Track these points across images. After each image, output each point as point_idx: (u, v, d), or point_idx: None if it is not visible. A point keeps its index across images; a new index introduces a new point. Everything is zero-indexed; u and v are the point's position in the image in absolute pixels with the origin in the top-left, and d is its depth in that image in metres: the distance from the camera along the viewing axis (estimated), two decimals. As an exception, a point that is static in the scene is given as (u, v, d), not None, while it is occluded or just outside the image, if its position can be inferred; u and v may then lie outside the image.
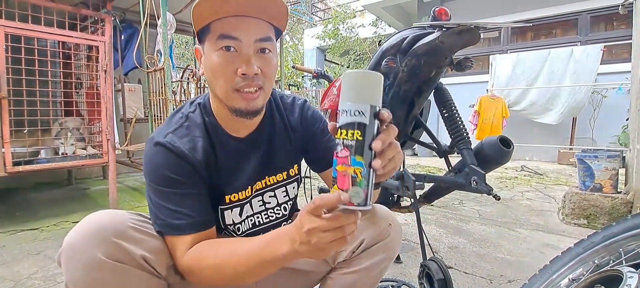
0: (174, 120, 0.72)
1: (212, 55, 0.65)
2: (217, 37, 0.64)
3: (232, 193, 0.76)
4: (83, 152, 2.55)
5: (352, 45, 8.77)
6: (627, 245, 0.87)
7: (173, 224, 0.64)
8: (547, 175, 4.16)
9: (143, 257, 0.60)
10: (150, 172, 0.66)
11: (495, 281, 1.47)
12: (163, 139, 0.67)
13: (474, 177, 1.09)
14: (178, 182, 0.65)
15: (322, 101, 1.90)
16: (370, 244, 0.82)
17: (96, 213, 0.61)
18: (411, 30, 1.15)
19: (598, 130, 4.90)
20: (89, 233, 0.57)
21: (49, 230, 2.19)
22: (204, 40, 0.67)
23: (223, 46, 0.64)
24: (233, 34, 0.63)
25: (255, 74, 0.64)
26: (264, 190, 0.81)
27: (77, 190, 3.38)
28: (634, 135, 2.12)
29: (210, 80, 0.68)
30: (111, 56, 2.44)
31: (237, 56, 0.64)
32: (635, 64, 2.15)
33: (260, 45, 0.65)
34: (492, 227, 2.22)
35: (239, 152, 0.76)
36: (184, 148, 0.67)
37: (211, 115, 0.74)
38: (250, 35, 0.64)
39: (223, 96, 0.67)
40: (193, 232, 0.65)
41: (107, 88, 2.42)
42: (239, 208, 0.78)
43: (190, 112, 0.74)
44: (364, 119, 0.47)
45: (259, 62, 0.65)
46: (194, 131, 0.71)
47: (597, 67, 4.62)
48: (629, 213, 2.09)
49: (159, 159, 0.66)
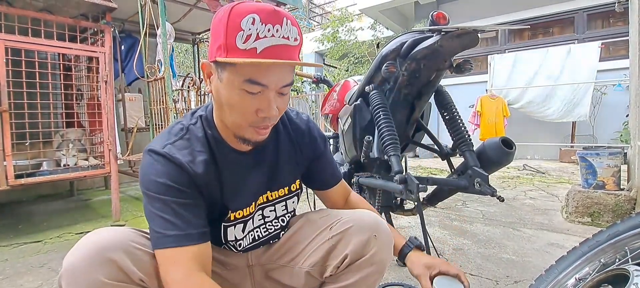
0: (173, 131, 0.70)
1: (233, 91, 0.62)
2: (245, 80, 0.60)
3: (237, 210, 0.74)
4: (85, 163, 2.55)
5: (350, 49, 8.79)
6: (633, 243, 0.86)
7: (166, 235, 0.61)
8: (549, 174, 4.16)
9: (141, 279, 0.59)
10: (147, 181, 0.64)
11: (502, 282, 1.47)
12: (161, 149, 0.65)
13: (477, 178, 1.09)
14: (175, 190, 0.63)
15: (323, 106, 1.91)
16: (355, 259, 0.77)
17: (96, 232, 0.60)
18: (410, 34, 1.15)
19: (598, 128, 4.90)
20: (89, 255, 0.56)
21: (53, 242, 2.18)
22: (224, 69, 0.62)
23: (248, 90, 0.61)
24: (262, 82, 0.61)
25: (273, 115, 0.65)
26: (266, 205, 0.81)
27: (79, 201, 3.38)
28: (635, 131, 2.12)
29: (221, 108, 0.66)
30: (111, 67, 2.45)
31: (259, 99, 0.62)
32: (633, 60, 2.16)
33: (282, 90, 0.65)
34: (496, 227, 2.22)
35: (243, 166, 0.74)
36: (183, 159, 0.65)
37: (214, 129, 0.71)
38: (278, 83, 0.63)
39: (234, 127, 0.67)
40: (186, 245, 0.61)
41: (108, 98, 2.42)
42: (242, 224, 0.77)
43: (191, 124, 0.71)
44: None
45: (277, 103, 0.64)
46: (195, 144, 0.69)
47: (596, 64, 4.64)
48: (632, 210, 2.09)
49: (155, 168, 0.64)
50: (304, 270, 0.80)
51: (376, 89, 1.25)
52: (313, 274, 0.80)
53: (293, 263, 0.82)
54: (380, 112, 1.18)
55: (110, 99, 2.43)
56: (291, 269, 0.82)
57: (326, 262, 0.78)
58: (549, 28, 5.87)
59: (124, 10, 3.27)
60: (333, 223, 0.80)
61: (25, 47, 2.15)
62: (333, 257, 0.77)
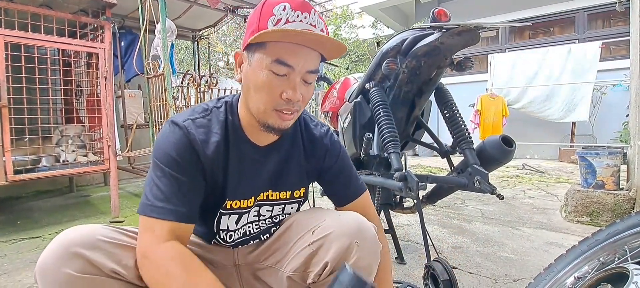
0: (198, 110, 0.73)
1: (261, 73, 0.65)
2: (273, 60, 0.64)
3: (235, 199, 0.75)
4: (84, 159, 2.55)
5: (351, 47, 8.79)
6: (632, 242, 0.86)
7: (154, 205, 0.63)
8: (549, 173, 4.16)
9: (113, 270, 0.60)
10: (158, 148, 0.67)
11: (500, 280, 1.47)
12: (181, 121, 0.68)
13: (477, 176, 1.09)
14: (178, 165, 0.65)
15: (323, 103, 1.90)
16: (336, 267, 0.72)
17: (67, 230, 0.61)
18: (411, 31, 1.15)
19: (598, 127, 4.90)
20: (58, 251, 0.57)
21: (51, 238, 2.17)
22: (254, 52, 0.66)
23: (276, 70, 0.64)
24: (290, 62, 0.64)
25: (297, 101, 0.66)
26: (264, 203, 0.81)
27: (78, 197, 3.38)
28: (635, 131, 2.12)
29: (249, 91, 0.69)
30: (111, 63, 2.44)
31: (286, 81, 0.65)
32: (634, 60, 2.15)
33: (308, 77, 0.67)
34: (495, 226, 2.22)
35: (253, 159, 0.76)
36: (197, 137, 0.68)
37: (235, 116, 0.74)
38: (304, 66, 0.66)
39: (259, 111, 0.68)
40: (169, 219, 0.63)
41: (108, 94, 2.42)
42: (237, 215, 0.77)
43: (216, 107, 0.74)
44: None
45: (302, 89, 0.67)
46: (214, 126, 0.71)
47: (597, 64, 4.63)
48: (632, 210, 2.09)
49: (169, 138, 0.67)
50: (286, 274, 0.78)
51: (376, 86, 1.24)
52: (295, 279, 0.77)
53: (278, 265, 0.80)
54: (381, 109, 1.17)
55: (109, 96, 2.43)
56: (276, 272, 0.80)
57: (308, 268, 0.75)
58: (549, 28, 5.86)
59: (124, 6, 3.26)
60: (315, 226, 0.76)
61: (24, 43, 2.15)
62: (314, 263, 0.74)
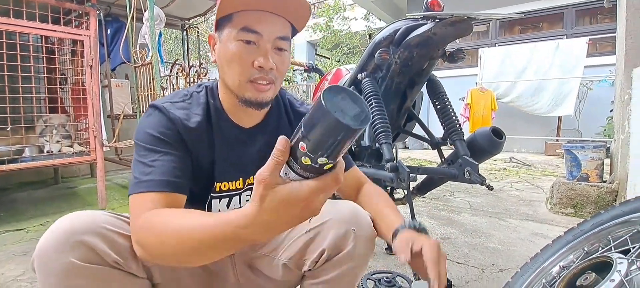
0: (178, 95, 0.73)
1: (231, 45, 0.66)
2: (240, 29, 0.65)
3: (223, 181, 0.75)
4: (69, 150, 2.49)
5: (343, 39, 8.75)
6: (616, 232, 0.89)
7: (140, 181, 0.60)
8: (535, 166, 4.25)
9: (116, 261, 0.58)
10: (139, 131, 0.67)
11: (487, 270, 1.50)
12: (160, 103, 0.69)
13: (467, 167, 1.10)
14: (160, 140, 0.65)
15: (314, 95, 1.89)
16: (333, 254, 0.73)
17: (68, 215, 0.58)
18: (404, 21, 1.14)
19: (583, 122, 5.01)
20: (60, 238, 0.54)
21: (36, 230, 2.13)
22: (223, 28, 0.68)
23: (244, 38, 0.65)
24: (256, 28, 0.64)
25: (270, 69, 0.66)
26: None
27: (64, 188, 3.30)
28: (619, 126, 2.18)
29: (223, 68, 0.69)
30: (97, 51, 2.38)
31: (256, 49, 0.66)
32: (620, 56, 2.20)
33: (279, 44, 0.67)
34: (482, 217, 2.26)
35: (238, 140, 0.75)
36: (177, 115, 0.68)
37: (217, 99, 0.74)
38: (272, 32, 0.66)
39: (235, 85, 0.68)
40: (155, 190, 0.60)
41: (93, 84, 2.36)
42: (227, 199, 0.77)
43: (196, 91, 0.75)
44: None
45: (274, 59, 0.67)
46: (194, 108, 0.71)
47: (584, 59, 4.72)
48: (614, 202, 2.15)
49: (149, 120, 0.67)
50: (282, 262, 0.78)
51: (368, 76, 1.24)
52: (290, 267, 0.78)
53: (273, 254, 0.80)
54: (373, 100, 1.17)
55: (95, 85, 2.37)
56: (271, 260, 0.80)
57: (304, 256, 0.76)
58: (538, 23, 5.93)
59: (110, -7, 3.17)
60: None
61: (6, 29, 2.07)
62: (310, 251, 0.75)
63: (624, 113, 2.01)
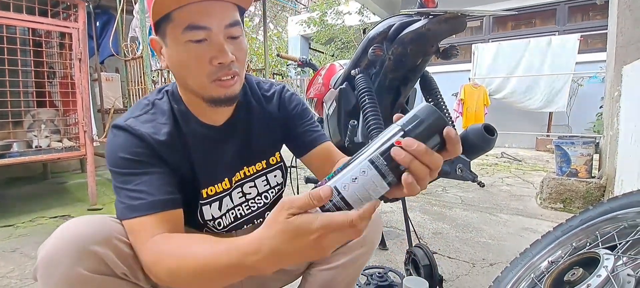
0: (139, 106, 0.68)
1: (180, 48, 0.60)
2: (184, 29, 0.58)
3: (209, 186, 0.72)
4: (58, 145, 2.45)
5: (337, 33, 8.71)
6: (603, 228, 0.90)
7: (131, 205, 0.58)
8: (526, 162, 4.30)
9: (124, 272, 0.55)
10: (110, 157, 0.63)
11: (478, 264, 1.52)
12: (123, 123, 0.64)
13: (459, 164, 1.10)
14: (135, 162, 0.61)
15: (308, 90, 1.88)
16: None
17: (75, 222, 0.55)
18: (398, 17, 1.14)
19: (574, 118, 5.08)
20: (68, 246, 0.51)
21: (25, 226, 2.10)
22: (165, 30, 0.61)
23: (192, 38, 0.59)
24: (202, 23, 0.58)
25: (231, 61, 0.61)
26: (244, 181, 0.78)
27: (53, 184, 3.26)
28: (608, 122, 2.21)
29: (179, 74, 0.64)
30: (86, 44, 2.33)
31: (209, 46, 0.60)
32: (610, 53, 2.23)
33: (230, 32, 0.61)
34: (474, 212, 2.29)
35: (214, 140, 0.72)
36: (144, 131, 0.63)
37: (181, 103, 0.69)
38: (220, 22, 0.60)
39: (198, 88, 0.64)
40: (152, 212, 0.57)
41: (82, 77, 2.31)
42: (218, 202, 0.75)
43: (157, 99, 0.69)
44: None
45: (231, 49, 0.61)
46: (159, 118, 0.67)
47: (575, 56, 4.77)
48: (602, 197, 2.19)
49: (116, 142, 0.63)
50: None
51: (362, 72, 1.23)
52: None
53: None
54: (366, 96, 1.17)
55: (84, 78, 2.33)
56: None
57: None
58: (531, 19, 5.97)
59: (99, -16, 3.10)
60: None
61: (-10, 20, 2.01)
62: None
63: (613, 110, 2.04)
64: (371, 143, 0.43)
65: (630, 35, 1.99)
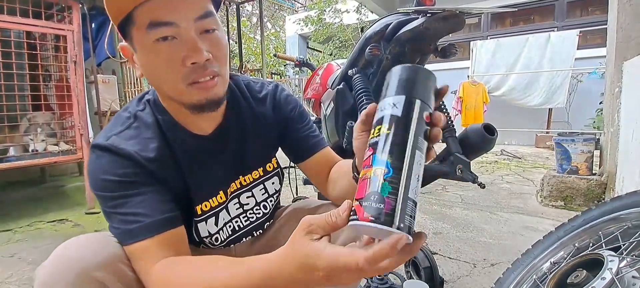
0: (120, 120, 0.62)
1: (148, 52, 0.54)
2: (147, 27, 0.52)
3: (203, 201, 0.67)
4: (55, 149, 2.43)
5: (335, 32, 8.69)
6: (606, 228, 0.89)
7: (128, 231, 0.53)
8: (526, 159, 4.29)
9: None
10: (94, 181, 0.56)
11: (479, 265, 1.50)
12: (105, 142, 0.57)
13: (459, 165, 1.08)
14: (126, 183, 0.55)
15: (305, 90, 1.86)
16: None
17: (73, 242, 0.52)
18: (395, 16, 1.12)
19: (573, 114, 5.07)
20: (65, 271, 0.48)
21: (23, 231, 2.09)
22: (130, 34, 0.55)
23: (158, 37, 0.52)
24: (166, 19, 0.51)
25: (206, 60, 0.54)
26: (240, 191, 0.73)
27: (51, 188, 3.24)
28: (608, 118, 2.19)
29: (153, 81, 0.59)
30: (81, 46, 2.31)
31: (179, 44, 0.53)
32: (610, 49, 2.21)
33: (203, 25, 0.54)
34: (474, 211, 2.27)
35: (205, 151, 0.66)
36: (130, 149, 0.57)
37: (165, 112, 0.63)
38: (188, 15, 0.52)
39: (175, 94, 0.57)
40: (152, 235, 0.53)
41: (78, 80, 2.30)
42: (214, 217, 0.70)
43: (139, 110, 0.63)
44: (396, 110, 0.38)
45: (206, 45, 0.54)
46: (144, 132, 0.60)
47: (574, 52, 4.75)
48: (603, 194, 2.18)
49: (100, 164, 0.56)
50: None
51: (359, 72, 1.22)
52: None
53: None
54: (364, 96, 1.15)
55: (80, 81, 2.31)
56: None
57: None
58: (529, 15, 5.95)
59: (94, -14, 3.08)
60: (321, 204, 0.76)
61: (-16, 24, 2.00)
62: None
63: (613, 106, 2.02)
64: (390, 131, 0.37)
65: (631, 31, 1.98)
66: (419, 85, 0.39)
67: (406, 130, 0.37)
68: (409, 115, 0.37)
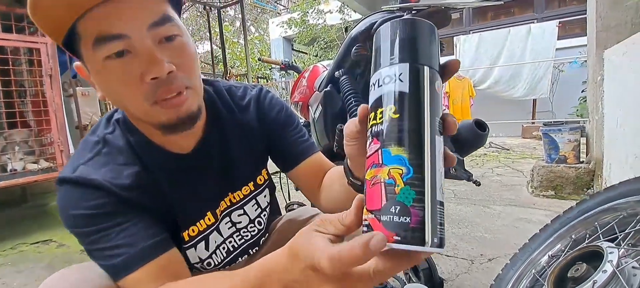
0: (87, 147, 0.55)
1: (101, 71, 0.47)
2: (94, 43, 0.45)
3: (190, 226, 0.61)
4: (35, 167, 2.33)
5: (319, 33, 8.67)
6: (602, 218, 0.88)
7: (112, 266, 0.49)
8: (514, 150, 4.35)
9: None
10: (67, 218, 0.50)
11: (477, 261, 1.49)
12: (72, 174, 0.51)
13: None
14: (101, 216, 0.50)
15: (292, 93, 1.83)
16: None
17: (57, 278, 0.48)
18: (380, 14, 1.09)
19: (557, 103, 5.17)
20: None
21: (6, 254, 2.00)
22: (80, 52, 0.47)
23: (108, 54, 0.45)
24: (114, 31, 0.44)
25: (169, 73, 0.47)
26: (231, 209, 0.67)
27: (34, 207, 3.11)
28: (593, 107, 2.23)
29: (115, 103, 0.52)
30: (56, 59, 2.22)
31: (134, 59, 0.46)
32: (591, 38, 2.24)
33: (160, 32, 0.47)
34: (467, 206, 2.27)
35: (186, 171, 0.59)
36: (100, 179, 0.51)
37: (137, 133, 0.56)
38: (140, 23, 0.45)
39: (141, 115, 0.50)
40: (142, 264, 0.49)
41: (55, 94, 2.21)
42: (203, 242, 0.63)
43: (108, 133, 0.56)
44: (402, 85, 0.29)
45: (167, 55, 0.47)
46: (116, 158, 0.54)
47: (555, 42, 4.85)
48: (591, 182, 2.21)
49: (70, 199, 0.50)
50: None
51: (346, 73, 1.19)
52: None
53: None
54: (352, 98, 1.12)
55: (57, 95, 2.22)
56: None
57: None
58: (510, 8, 6.05)
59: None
60: (313, 215, 0.74)
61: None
62: None
63: (597, 94, 2.05)
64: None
65: (610, 20, 2.01)
66: (424, 46, 0.30)
67: (419, 110, 0.28)
68: (420, 89, 0.29)
